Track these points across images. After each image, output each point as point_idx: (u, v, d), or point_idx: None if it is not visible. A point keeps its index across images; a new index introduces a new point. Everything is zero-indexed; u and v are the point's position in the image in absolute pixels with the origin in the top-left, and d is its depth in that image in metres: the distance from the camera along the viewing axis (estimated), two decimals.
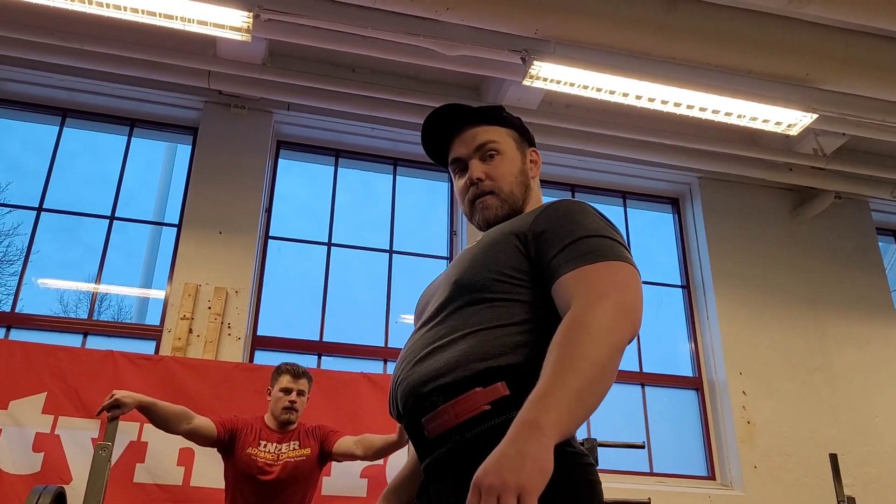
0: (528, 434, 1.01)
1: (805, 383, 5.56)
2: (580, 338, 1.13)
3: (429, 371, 1.29)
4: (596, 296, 1.19)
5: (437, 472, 1.28)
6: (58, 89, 5.23)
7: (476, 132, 1.56)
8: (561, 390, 1.06)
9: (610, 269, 1.25)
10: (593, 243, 1.29)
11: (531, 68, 4.16)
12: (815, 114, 4.34)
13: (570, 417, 1.05)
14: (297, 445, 3.36)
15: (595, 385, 1.09)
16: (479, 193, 1.53)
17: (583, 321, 1.16)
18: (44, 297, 4.97)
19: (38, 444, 3.79)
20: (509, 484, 0.96)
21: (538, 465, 0.98)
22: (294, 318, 5.29)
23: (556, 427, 1.02)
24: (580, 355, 1.10)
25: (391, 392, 1.40)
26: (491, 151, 1.54)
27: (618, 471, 5.09)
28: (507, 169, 1.54)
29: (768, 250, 5.98)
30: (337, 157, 5.81)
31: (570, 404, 1.05)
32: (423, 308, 1.52)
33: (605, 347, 1.13)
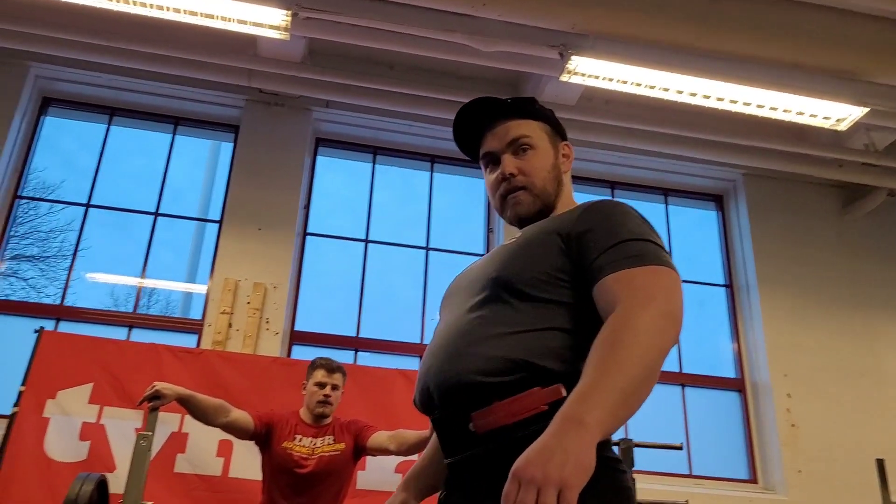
0: (572, 430, 1.02)
1: (853, 387, 5.41)
2: (627, 339, 1.13)
3: (479, 366, 1.26)
4: (643, 299, 1.19)
5: (480, 467, 1.26)
6: (105, 88, 5.37)
7: (509, 126, 1.54)
8: (606, 389, 1.06)
9: (655, 273, 1.25)
10: (637, 247, 1.28)
11: (569, 63, 4.12)
12: (865, 108, 4.19)
13: (613, 417, 1.06)
14: (332, 440, 3.39)
15: (639, 387, 1.09)
16: (512, 189, 1.51)
17: (630, 323, 1.15)
18: (95, 290, 5.11)
19: (85, 433, 3.91)
20: (552, 477, 0.96)
21: (581, 462, 0.99)
22: (331, 313, 5.34)
23: (599, 425, 1.03)
24: (627, 356, 1.10)
25: (422, 382, 1.37)
26: (524, 146, 1.52)
27: (656, 472, 5.02)
28: (539, 164, 1.52)
29: (816, 250, 5.83)
30: (375, 155, 5.84)
31: (614, 404, 1.06)
32: (453, 300, 1.49)
33: (650, 350, 1.13)
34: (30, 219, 5.23)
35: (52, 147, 5.41)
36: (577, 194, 5.45)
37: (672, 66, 4.12)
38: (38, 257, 5.13)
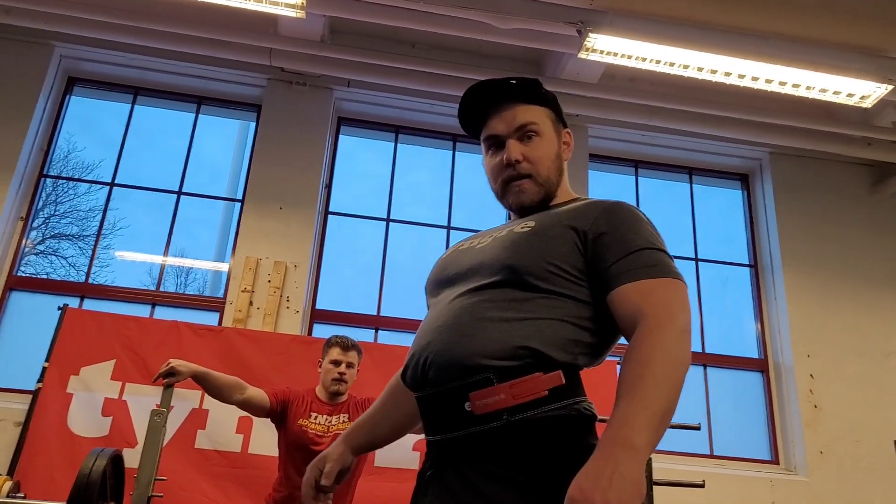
0: (625, 454, 1.06)
1: (878, 367, 5.33)
2: (660, 360, 1.17)
3: (485, 348, 1.27)
4: (665, 316, 1.23)
5: (473, 448, 1.26)
6: (129, 68, 5.43)
7: (516, 111, 1.53)
8: (649, 411, 1.11)
9: (674, 288, 1.29)
10: (654, 257, 1.33)
11: (587, 41, 4.06)
12: (890, 84, 4.08)
13: (656, 437, 1.11)
14: (347, 418, 3.43)
15: (673, 404, 1.15)
16: (517, 176, 1.51)
17: (658, 342, 1.20)
18: (133, 269, 5.21)
19: (107, 409, 4.00)
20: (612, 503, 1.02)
21: (637, 487, 1.04)
22: (352, 292, 5.38)
23: (648, 447, 1.08)
24: (663, 377, 1.15)
25: (417, 357, 1.36)
26: (530, 132, 1.51)
27: (676, 452, 5.01)
28: (544, 152, 1.52)
29: (843, 229, 5.72)
30: (397, 133, 5.84)
31: (658, 424, 1.11)
32: (451, 278, 1.48)
33: (678, 368, 1.18)
34: (69, 198, 5.34)
35: (92, 126, 5.51)
36: (600, 174, 5.45)
37: (691, 42, 4.04)
38: (78, 236, 5.23)
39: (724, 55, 4.07)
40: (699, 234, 5.90)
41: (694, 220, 5.92)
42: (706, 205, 6.06)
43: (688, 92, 5.31)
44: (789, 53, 4.16)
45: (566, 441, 1.22)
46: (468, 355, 1.27)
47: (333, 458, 1.54)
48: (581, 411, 1.27)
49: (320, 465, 1.54)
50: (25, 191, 5.05)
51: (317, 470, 1.54)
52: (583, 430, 1.26)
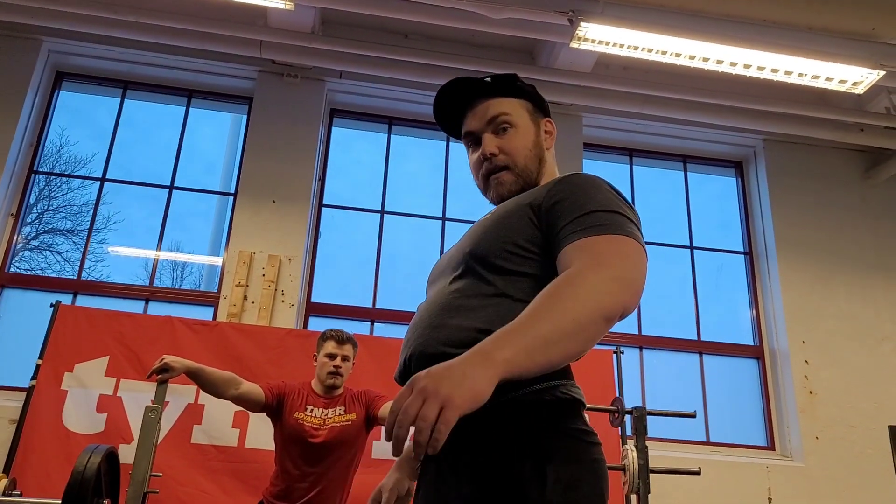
0: (478, 361, 1.03)
1: (872, 353, 5.35)
2: (566, 292, 1.14)
3: (449, 337, 1.28)
4: (595, 262, 1.20)
5: (450, 439, 1.27)
6: (118, 62, 5.39)
7: (488, 105, 1.53)
8: (526, 332, 1.08)
9: (615, 241, 1.25)
10: (603, 217, 1.29)
11: (578, 30, 4.04)
12: (882, 70, 4.07)
13: (527, 360, 1.06)
14: (343, 411, 3.43)
15: (564, 339, 1.10)
16: (494, 169, 1.51)
17: (574, 279, 1.17)
18: (128, 264, 5.19)
19: (102, 406, 3.99)
20: (440, 393, 0.98)
21: (474, 390, 1.00)
22: (347, 285, 5.37)
23: (506, 363, 1.04)
24: (560, 307, 1.12)
25: (402, 356, 1.39)
26: (504, 124, 1.52)
27: (673, 439, 5.02)
28: (520, 142, 1.52)
29: (837, 215, 5.73)
30: (390, 125, 5.81)
31: (531, 348, 1.06)
32: (436, 276, 1.52)
33: (587, 308, 1.13)
34: (62, 193, 5.31)
35: (83, 120, 5.47)
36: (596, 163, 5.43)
37: (684, 30, 4.02)
38: (72, 231, 5.21)
39: (717, 43, 4.06)
40: (694, 221, 5.90)
41: (689, 208, 5.91)
42: (701, 192, 6.06)
43: (681, 80, 5.30)
44: (781, 40, 4.14)
45: (539, 424, 1.21)
46: (437, 346, 1.28)
47: (389, 488, 1.53)
48: (557, 395, 1.25)
49: (377, 498, 1.53)
50: (15, 187, 5.02)
51: (374, 502, 1.53)
52: (559, 414, 1.24)
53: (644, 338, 5.41)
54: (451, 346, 1.24)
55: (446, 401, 0.98)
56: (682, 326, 5.56)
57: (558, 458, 1.19)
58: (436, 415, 0.97)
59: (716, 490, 4.74)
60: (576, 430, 1.24)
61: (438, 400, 0.98)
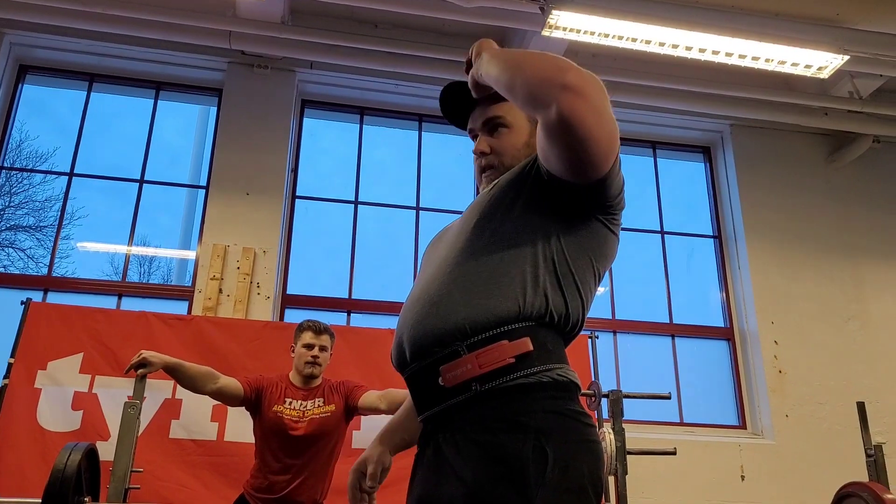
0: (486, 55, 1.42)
1: (839, 332, 5.48)
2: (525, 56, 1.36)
3: (448, 318, 1.29)
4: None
5: (448, 421, 1.29)
6: (84, 54, 5.29)
7: (487, 108, 1.59)
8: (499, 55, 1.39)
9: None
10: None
11: (550, 17, 4.06)
12: (846, 55, 4.16)
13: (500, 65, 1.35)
14: (322, 402, 3.43)
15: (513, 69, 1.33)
16: (484, 167, 1.57)
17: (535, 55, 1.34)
18: (94, 259, 5.12)
19: (77, 403, 3.94)
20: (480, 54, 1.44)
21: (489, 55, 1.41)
22: (323, 276, 5.36)
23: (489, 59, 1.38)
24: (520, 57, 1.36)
25: (397, 337, 1.40)
26: (498, 125, 1.57)
27: (647, 421, 5.11)
28: (512, 142, 1.56)
29: (803, 198, 5.85)
30: (362, 115, 5.80)
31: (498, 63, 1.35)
32: (433, 254, 1.53)
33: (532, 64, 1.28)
34: (24, 188, 5.21)
35: (46, 114, 5.37)
36: None
37: (653, 17, 4.07)
38: (36, 227, 5.12)
39: (686, 29, 4.11)
40: (664, 207, 5.98)
41: (659, 194, 5.99)
42: (670, 178, 6.14)
43: (650, 67, 5.35)
44: (748, 26, 4.21)
45: (538, 406, 1.23)
46: (435, 328, 1.28)
47: (374, 460, 1.57)
48: (555, 378, 1.27)
49: (361, 468, 1.57)
50: None
51: (358, 472, 1.57)
52: (556, 396, 1.26)
53: (618, 322, 5.49)
54: (452, 328, 1.27)
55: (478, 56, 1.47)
56: (655, 310, 5.65)
57: (557, 438, 1.20)
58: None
59: (690, 469, 4.84)
60: (573, 411, 1.27)
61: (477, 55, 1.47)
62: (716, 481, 4.91)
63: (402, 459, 4.33)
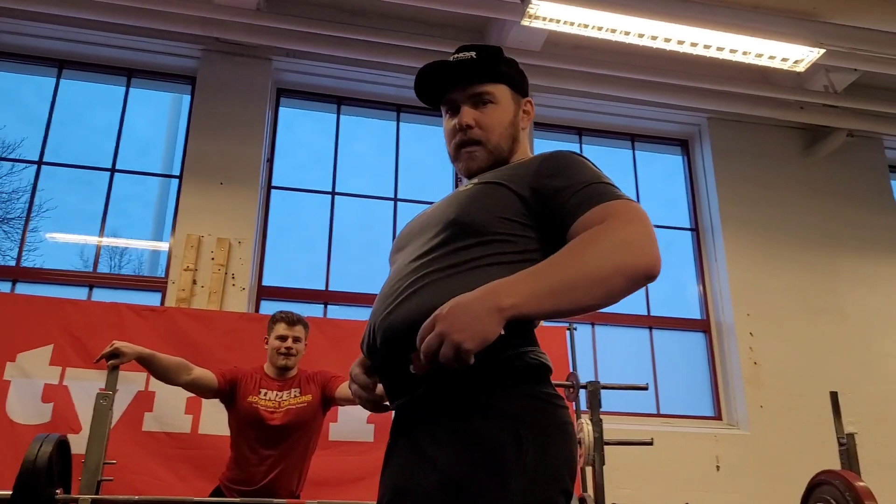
0: (487, 306, 1.12)
1: (814, 324, 5.54)
2: (588, 245, 1.19)
3: (419, 305, 1.27)
4: (620, 220, 1.23)
5: (420, 408, 1.27)
6: (53, 40, 5.17)
7: (472, 85, 1.53)
8: (540, 279, 1.15)
9: (625, 205, 1.28)
10: (603, 188, 1.31)
11: (529, 7, 4.04)
12: (822, 49, 4.20)
13: (535, 306, 1.13)
14: (298, 392, 3.39)
15: (576, 290, 1.15)
16: (467, 141, 1.52)
17: (598, 233, 1.21)
18: (62, 251, 5.01)
19: (47, 395, 3.86)
20: (453, 338, 1.10)
21: (483, 334, 1.11)
22: (299, 267, 5.30)
23: (513, 308, 1.12)
24: (579, 258, 1.17)
25: (368, 325, 1.38)
26: (485, 100, 1.52)
27: (625, 412, 5.13)
28: (497, 119, 1.52)
29: (779, 191, 5.89)
30: (339, 105, 5.73)
31: (541, 294, 1.14)
32: (405, 243, 1.49)
33: (607, 262, 1.17)
34: None
35: (12, 102, 5.23)
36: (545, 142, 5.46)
37: (633, 9, 4.07)
38: (2, 219, 5.00)
39: (665, 21, 4.12)
40: (642, 199, 6.00)
41: (637, 186, 6.01)
42: (648, 171, 6.16)
43: (629, 59, 5.36)
44: (727, 19, 4.23)
45: (511, 390, 1.22)
46: (407, 317, 1.27)
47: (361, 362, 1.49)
48: (527, 361, 1.26)
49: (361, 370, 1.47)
50: None
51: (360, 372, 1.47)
52: (526, 379, 1.25)
53: (596, 314, 5.50)
54: (424, 316, 1.22)
55: (459, 345, 1.09)
56: (633, 302, 5.67)
57: (531, 421, 1.20)
58: (453, 353, 1.10)
59: (667, 460, 4.87)
60: (546, 393, 1.26)
61: (453, 344, 1.10)
62: (692, 472, 4.94)
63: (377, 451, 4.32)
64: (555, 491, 1.18)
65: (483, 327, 1.10)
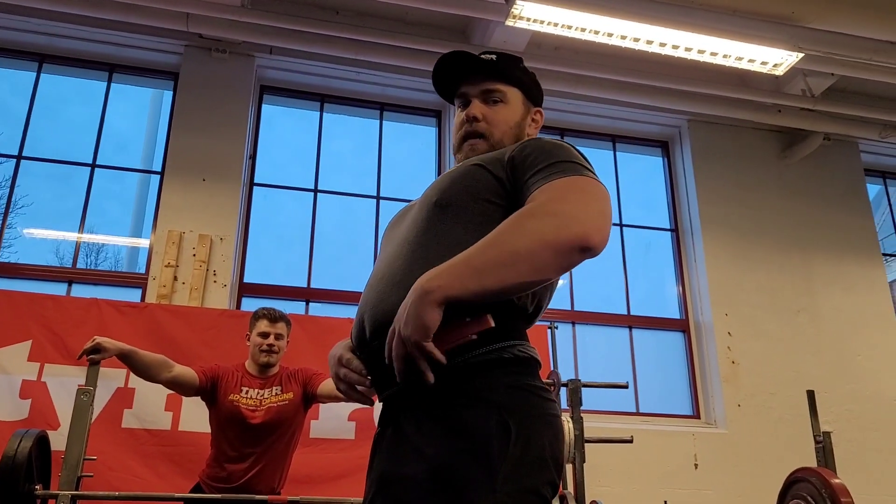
0: (417, 298, 1.16)
1: (790, 324, 5.62)
2: (509, 227, 1.21)
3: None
4: (548, 198, 1.25)
5: (408, 399, 1.28)
6: (34, 34, 5.12)
7: (486, 81, 1.59)
8: (460, 263, 1.19)
9: (571, 180, 1.30)
10: (565, 165, 1.33)
11: (514, 7, 4.07)
12: (800, 53, 4.27)
13: (460, 285, 1.16)
14: (280, 390, 3.39)
15: (501, 268, 1.16)
16: (472, 133, 1.56)
17: (523, 213, 1.23)
18: (38, 247, 4.96)
19: (25, 391, 3.82)
20: (405, 335, 1.16)
21: (420, 321, 1.15)
22: (282, 265, 5.29)
23: (440, 289, 1.15)
24: (501, 238, 1.19)
25: (357, 316, 1.39)
26: (496, 98, 1.57)
27: (604, 411, 5.18)
28: (504, 117, 1.57)
29: (757, 193, 5.97)
30: (322, 103, 5.73)
31: (463, 274, 1.16)
32: (394, 231, 1.52)
33: (529, 238, 1.18)
34: None
35: None
36: None
37: (615, 11, 4.11)
38: None
39: (647, 23, 4.16)
40: (623, 200, 6.05)
41: (618, 187, 6.06)
42: (629, 171, 6.21)
43: (611, 61, 5.40)
44: (707, 22, 4.28)
45: (499, 382, 1.24)
46: (396, 306, 1.26)
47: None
48: (515, 354, 1.28)
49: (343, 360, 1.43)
50: None
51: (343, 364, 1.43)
52: (517, 372, 1.27)
53: (576, 313, 5.54)
54: None
55: (406, 339, 1.16)
56: (613, 301, 5.72)
57: (519, 413, 1.21)
58: (404, 350, 1.16)
59: (646, 458, 4.92)
60: (534, 386, 1.28)
61: (401, 341, 1.17)
62: (670, 469, 5.00)
63: (358, 449, 4.29)
64: (540, 480, 1.20)
65: (419, 315, 1.14)
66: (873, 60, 4.66)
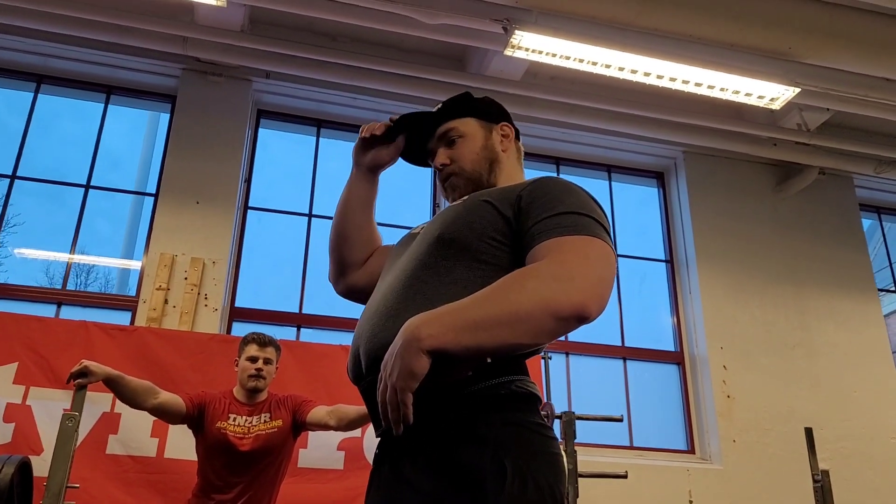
0: (405, 342, 1.13)
1: (785, 358, 5.58)
2: (514, 284, 1.18)
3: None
4: (553, 260, 1.22)
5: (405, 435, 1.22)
6: (33, 55, 5.12)
7: (442, 127, 1.64)
8: (456, 313, 1.14)
9: (579, 241, 1.27)
10: (571, 219, 1.31)
11: (513, 38, 4.08)
12: (797, 87, 4.29)
13: (454, 339, 1.12)
14: (269, 417, 3.33)
15: (497, 326, 1.13)
16: (446, 176, 1.61)
17: (527, 272, 1.21)
18: (29, 267, 4.91)
19: (10, 415, 3.74)
20: (390, 382, 1.13)
21: (406, 369, 1.11)
22: (273, 289, 5.24)
23: (431, 339, 1.11)
24: (502, 296, 1.16)
25: (353, 348, 1.38)
26: (452, 137, 1.62)
27: (598, 444, 5.11)
28: (467, 149, 1.61)
29: (751, 226, 5.97)
30: (319, 127, 5.73)
31: (459, 328, 1.12)
32: (393, 262, 1.50)
33: (530, 300, 1.15)
34: None
35: None
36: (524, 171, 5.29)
37: (613, 42, 4.12)
38: None
39: (644, 55, 4.17)
40: (618, 230, 6.04)
41: (613, 217, 6.05)
42: (624, 201, 6.21)
43: (607, 91, 5.42)
44: (704, 56, 4.30)
45: (496, 418, 1.21)
46: (390, 342, 1.24)
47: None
48: (512, 390, 1.25)
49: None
50: None
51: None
52: (515, 408, 1.24)
53: (570, 344, 5.49)
54: None
55: (392, 387, 1.12)
56: (607, 333, 5.68)
57: (516, 451, 1.18)
58: (392, 397, 1.12)
59: (640, 493, 4.84)
60: (532, 423, 1.25)
61: (389, 387, 1.13)
62: None
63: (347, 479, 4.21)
64: None
65: (406, 363, 1.11)
66: (868, 96, 4.69)
